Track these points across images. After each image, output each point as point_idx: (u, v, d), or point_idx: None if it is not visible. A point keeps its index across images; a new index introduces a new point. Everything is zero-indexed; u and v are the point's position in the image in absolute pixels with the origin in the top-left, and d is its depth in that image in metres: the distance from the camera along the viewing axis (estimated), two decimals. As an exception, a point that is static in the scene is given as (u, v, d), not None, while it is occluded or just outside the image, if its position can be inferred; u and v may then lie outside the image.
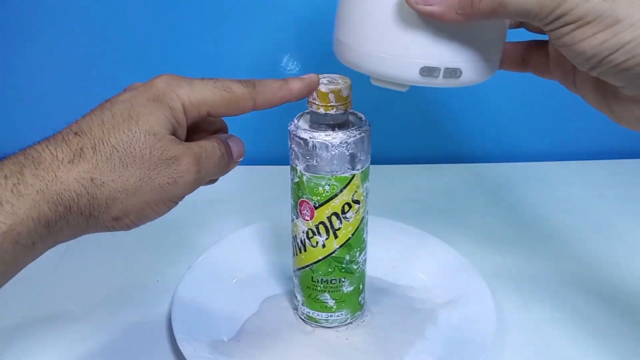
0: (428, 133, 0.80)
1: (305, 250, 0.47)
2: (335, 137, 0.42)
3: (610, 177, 0.75)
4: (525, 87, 0.74)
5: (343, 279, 0.47)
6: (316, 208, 0.44)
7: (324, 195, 0.44)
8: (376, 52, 0.35)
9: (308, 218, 0.45)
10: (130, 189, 0.35)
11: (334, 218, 0.44)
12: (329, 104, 0.42)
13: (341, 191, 0.44)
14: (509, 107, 0.77)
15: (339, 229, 0.45)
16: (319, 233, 0.45)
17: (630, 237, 0.63)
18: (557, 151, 0.79)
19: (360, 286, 0.49)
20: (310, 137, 0.42)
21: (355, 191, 0.44)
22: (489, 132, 0.79)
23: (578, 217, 0.66)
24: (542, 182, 0.74)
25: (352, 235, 0.46)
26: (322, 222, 0.45)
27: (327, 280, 0.47)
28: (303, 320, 0.51)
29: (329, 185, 0.43)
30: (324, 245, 0.46)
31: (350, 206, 0.44)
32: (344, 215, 0.44)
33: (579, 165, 0.77)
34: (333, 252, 0.46)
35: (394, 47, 0.34)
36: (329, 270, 0.47)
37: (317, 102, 0.42)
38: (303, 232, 0.46)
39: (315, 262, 0.47)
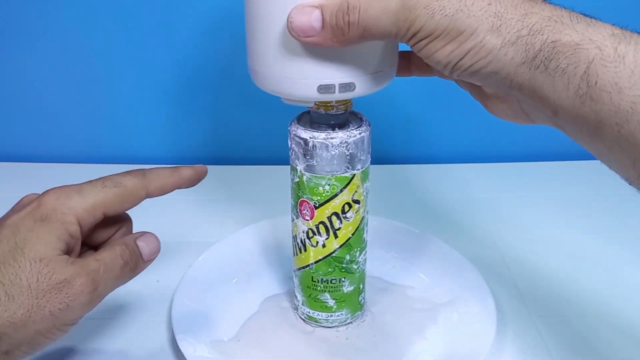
0: (428, 133, 0.80)
1: (305, 250, 0.47)
2: (335, 137, 0.42)
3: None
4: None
5: (343, 279, 0.47)
6: (316, 208, 0.44)
7: (324, 195, 0.44)
8: (280, 77, 0.39)
9: (308, 218, 0.45)
10: (18, 322, 0.34)
11: (334, 218, 0.44)
12: (329, 104, 0.42)
13: (341, 191, 0.44)
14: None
15: (339, 228, 0.45)
16: (319, 233, 0.45)
17: (632, 241, 0.62)
18: (559, 151, 0.79)
19: (361, 286, 0.49)
20: (310, 137, 0.42)
21: (356, 191, 0.44)
22: (488, 133, 0.79)
23: (578, 217, 0.66)
24: (543, 182, 0.74)
25: (352, 235, 0.46)
26: (322, 222, 0.45)
27: (327, 280, 0.47)
28: (303, 320, 0.51)
29: (329, 185, 0.43)
30: (324, 245, 0.46)
31: (350, 206, 0.44)
32: (344, 215, 0.44)
33: (583, 165, 0.77)
34: (333, 252, 0.46)
35: (294, 71, 0.38)
36: (329, 270, 0.47)
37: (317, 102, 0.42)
38: (303, 232, 0.46)
39: (315, 262, 0.47)
